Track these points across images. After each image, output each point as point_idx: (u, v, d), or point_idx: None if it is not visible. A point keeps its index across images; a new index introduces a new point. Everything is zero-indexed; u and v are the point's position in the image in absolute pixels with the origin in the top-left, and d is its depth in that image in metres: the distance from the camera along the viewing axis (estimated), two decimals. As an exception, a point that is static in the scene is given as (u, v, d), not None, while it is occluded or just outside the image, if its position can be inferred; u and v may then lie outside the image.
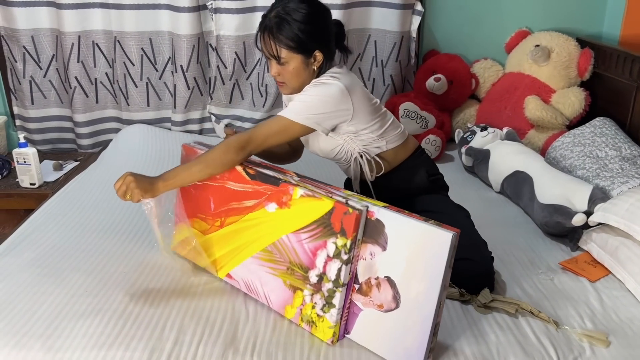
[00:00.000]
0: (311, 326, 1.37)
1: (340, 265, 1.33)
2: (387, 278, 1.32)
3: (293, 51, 1.50)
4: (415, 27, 2.65)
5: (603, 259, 1.66)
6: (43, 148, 2.79)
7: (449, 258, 1.25)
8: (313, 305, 1.37)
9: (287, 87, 1.59)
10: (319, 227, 1.38)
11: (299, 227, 1.42)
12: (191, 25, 2.56)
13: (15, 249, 1.71)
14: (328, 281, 1.35)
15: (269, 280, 1.47)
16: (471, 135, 2.42)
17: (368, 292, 1.34)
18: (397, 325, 1.30)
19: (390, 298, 1.31)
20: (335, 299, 1.34)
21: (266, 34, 1.51)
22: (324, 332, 1.35)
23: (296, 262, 1.42)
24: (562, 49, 2.56)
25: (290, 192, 1.44)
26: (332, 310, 1.34)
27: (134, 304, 1.45)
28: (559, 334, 1.38)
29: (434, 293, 1.25)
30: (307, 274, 1.40)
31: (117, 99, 2.76)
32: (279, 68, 1.54)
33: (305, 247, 1.40)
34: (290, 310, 1.42)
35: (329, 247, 1.36)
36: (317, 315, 1.36)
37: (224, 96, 2.78)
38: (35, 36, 2.61)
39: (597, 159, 2.05)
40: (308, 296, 1.39)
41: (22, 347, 1.30)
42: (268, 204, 1.49)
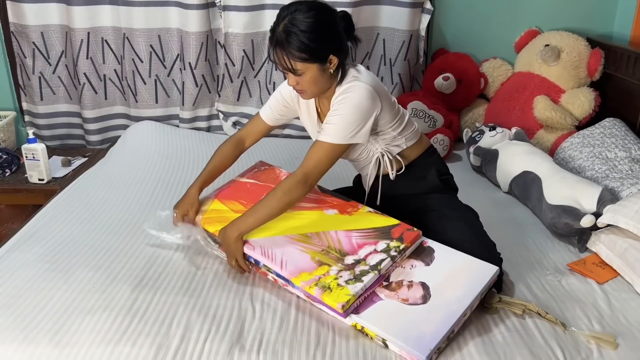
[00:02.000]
0: (324, 291, 1.36)
1: (385, 257, 1.44)
2: (422, 283, 1.41)
3: (307, 62, 1.47)
4: (425, 26, 2.64)
5: (612, 261, 1.65)
6: (52, 144, 2.81)
7: (485, 286, 1.39)
8: (336, 277, 1.40)
9: (307, 94, 1.57)
10: (376, 232, 1.51)
11: (353, 228, 1.53)
12: (200, 23, 2.56)
13: (24, 245, 1.72)
14: (365, 265, 1.42)
15: (293, 253, 1.49)
16: (479, 134, 2.41)
17: (396, 289, 1.40)
18: (418, 315, 1.33)
19: (419, 296, 1.38)
20: (366, 277, 1.38)
21: (278, 49, 1.48)
22: (338, 297, 1.34)
23: (336, 248, 1.48)
24: (572, 48, 2.54)
25: (359, 207, 1.63)
26: (358, 284, 1.37)
27: (142, 301, 1.46)
28: (566, 335, 1.37)
29: (465, 300, 1.34)
30: (343, 257, 1.45)
31: (126, 95, 2.77)
32: (296, 79, 1.52)
33: (353, 240, 1.50)
34: (306, 276, 1.41)
35: (379, 245, 1.49)
36: (338, 284, 1.37)
37: (232, 94, 2.78)
38: (44, 32, 2.62)
39: (606, 160, 2.04)
40: (334, 271, 1.42)
41: (30, 342, 1.30)
42: (328, 210, 1.61)
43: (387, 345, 1.30)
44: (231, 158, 1.78)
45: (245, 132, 1.80)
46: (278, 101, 1.74)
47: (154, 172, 2.29)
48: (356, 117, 1.51)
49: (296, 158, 2.46)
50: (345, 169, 2.35)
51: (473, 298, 1.36)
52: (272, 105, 1.75)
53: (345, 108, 1.51)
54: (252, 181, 1.80)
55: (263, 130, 1.79)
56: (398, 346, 1.28)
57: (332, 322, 1.40)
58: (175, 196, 2.07)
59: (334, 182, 2.17)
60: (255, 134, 1.80)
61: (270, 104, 1.76)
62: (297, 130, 2.79)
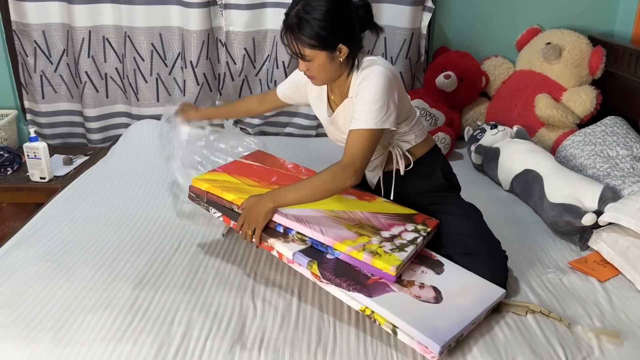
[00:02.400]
0: (374, 256, 1.37)
1: (418, 235, 1.48)
2: (434, 287, 1.41)
3: (316, 49, 1.48)
4: (426, 24, 2.64)
5: (613, 259, 1.65)
6: (53, 142, 2.81)
7: (491, 305, 1.40)
8: (380, 246, 1.40)
9: (317, 80, 1.59)
10: (400, 217, 1.55)
11: (377, 211, 1.55)
12: (201, 21, 2.56)
13: (26, 243, 1.72)
14: (402, 239, 1.44)
15: (329, 223, 1.47)
16: (481, 133, 2.41)
17: (409, 286, 1.40)
18: (432, 311, 1.33)
19: (432, 297, 1.38)
20: (408, 248, 1.42)
21: (288, 33, 1.50)
22: (389, 261, 1.36)
23: (368, 224, 1.49)
24: (573, 46, 2.54)
25: (376, 198, 1.66)
26: (403, 253, 1.40)
27: (143, 299, 1.46)
28: (568, 333, 1.37)
29: (476, 309, 1.36)
30: (378, 231, 1.46)
31: (127, 94, 2.77)
32: (306, 64, 1.53)
33: (382, 220, 1.51)
34: (351, 242, 1.40)
35: (408, 226, 1.52)
36: (384, 251, 1.38)
37: (233, 92, 2.78)
38: (46, 31, 2.62)
39: (607, 158, 2.04)
40: (376, 241, 1.42)
41: (32, 340, 1.31)
42: (346, 195, 1.62)
43: (396, 333, 1.28)
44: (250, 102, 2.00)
45: (265, 97, 1.94)
46: (292, 82, 1.81)
47: (155, 170, 2.29)
48: (382, 100, 1.49)
49: (297, 156, 2.46)
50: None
51: (482, 310, 1.36)
52: (287, 84, 1.83)
53: (370, 94, 1.49)
54: (258, 164, 1.78)
55: (276, 104, 1.91)
56: (410, 334, 1.25)
57: (334, 320, 1.40)
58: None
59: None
60: (269, 103, 1.92)
61: (286, 82, 1.83)
62: (298, 129, 2.79)
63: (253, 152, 1.89)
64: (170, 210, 1.96)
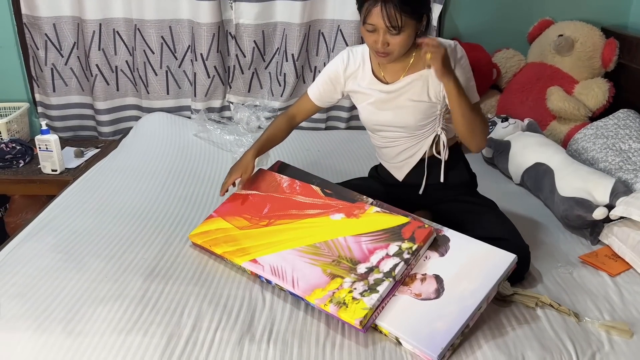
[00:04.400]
0: (340, 307, 1.32)
1: (398, 261, 1.39)
2: (436, 276, 1.39)
3: (411, 17, 1.46)
4: (437, 16, 2.62)
5: (624, 253, 1.64)
6: (64, 135, 2.83)
7: (502, 276, 1.35)
8: (350, 290, 1.36)
9: (392, 56, 1.54)
10: (386, 234, 1.46)
11: (362, 232, 1.49)
12: (211, 14, 2.56)
13: (38, 234, 1.73)
14: (378, 272, 1.38)
15: (304, 268, 1.45)
16: (492, 126, 2.39)
17: (409, 283, 1.38)
18: (431, 311, 1.31)
19: (432, 290, 1.36)
20: (381, 287, 1.34)
21: (388, 4, 1.43)
22: (354, 312, 1.30)
23: (346, 256, 1.44)
24: (586, 39, 2.51)
25: (366, 208, 1.56)
26: (373, 295, 1.33)
27: (153, 290, 1.47)
28: (578, 328, 1.37)
29: (480, 293, 1.32)
30: (355, 266, 1.41)
31: (137, 87, 2.78)
32: (390, 38, 1.49)
33: (363, 246, 1.46)
34: (320, 292, 1.37)
35: (391, 248, 1.43)
36: (353, 298, 1.33)
37: (243, 85, 2.78)
38: (57, 24, 2.63)
39: (620, 151, 2.02)
40: (348, 283, 1.38)
41: (43, 330, 1.32)
42: (335, 214, 1.57)
43: (400, 343, 1.30)
44: (285, 131, 1.82)
45: (296, 109, 1.84)
46: (324, 81, 1.75)
47: (165, 163, 2.30)
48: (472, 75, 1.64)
49: (307, 150, 2.46)
50: (355, 162, 2.35)
51: (488, 290, 1.33)
52: (319, 85, 1.76)
53: (467, 66, 1.61)
54: (254, 192, 1.76)
55: (311, 110, 1.83)
56: (411, 345, 1.27)
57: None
58: (187, 186, 2.10)
59: (343, 176, 2.17)
60: (304, 112, 1.83)
61: (318, 82, 1.77)
62: (308, 122, 2.79)
63: (256, 172, 1.83)
64: (181, 202, 1.97)
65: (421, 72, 1.60)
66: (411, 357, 1.27)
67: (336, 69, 1.71)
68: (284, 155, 2.37)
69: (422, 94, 1.61)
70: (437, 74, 1.48)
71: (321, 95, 1.77)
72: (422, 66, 1.58)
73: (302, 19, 2.59)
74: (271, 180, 1.78)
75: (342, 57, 1.70)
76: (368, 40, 1.54)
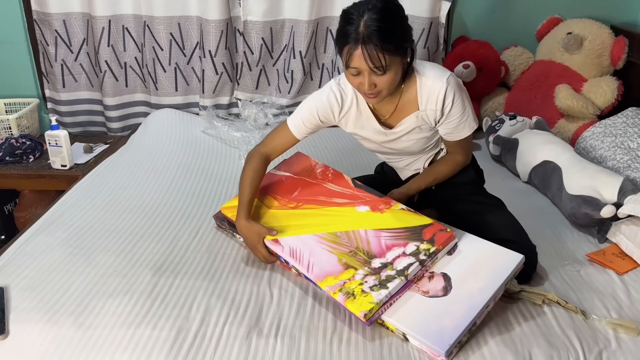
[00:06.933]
0: (347, 297, 1.32)
1: (413, 261, 1.39)
2: (444, 274, 1.40)
3: (393, 55, 1.40)
4: (445, 13, 2.61)
5: (632, 252, 1.64)
6: (74, 131, 2.85)
7: (510, 275, 1.36)
8: (361, 282, 1.36)
9: (382, 95, 1.48)
10: (407, 233, 1.47)
11: (383, 227, 1.50)
12: (219, 10, 2.57)
13: (48, 229, 1.75)
14: (392, 269, 1.38)
15: (321, 254, 1.47)
16: (499, 123, 2.39)
17: (417, 281, 1.39)
18: (439, 308, 1.32)
19: (440, 288, 1.37)
20: (391, 284, 1.34)
21: (368, 46, 1.36)
22: (361, 305, 1.30)
23: (364, 249, 1.45)
24: (595, 36, 2.50)
25: (392, 204, 1.57)
26: (382, 291, 1.33)
27: (162, 285, 1.48)
28: (585, 325, 1.37)
29: (487, 292, 1.33)
30: (370, 260, 1.42)
31: (146, 83, 2.79)
32: (376, 79, 1.42)
33: (382, 241, 1.46)
34: (332, 280, 1.38)
35: (409, 247, 1.43)
36: (362, 290, 1.34)
37: (251, 82, 2.79)
38: (66, 20, 2.65)
39: (628, 150, 2.01)
40: (360, 275, 1.38)
41: (54, 323, 1.34)
42: (360, 206, 1.59)
43: (407, 339, 1.30)
44: (263, 176, 1.68)
45: (271, 148, 1.68)
46: (310, 118, 1.62)
47: (174, 158, 2.31)
48: (469, 104, 1.59)
49: (325, 147, 2.46)
50: (361, 159, 2.35)
51: (496, 289, 1.34)
52: (305, 119, 1.62)
53: (462, 105, 1.55)
54: (287, 174, 1.78)
55: (289, 145, 1.69)
56: (418, 341, 1.27)
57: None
58: (195, 182, 2.11)
59: (349, 173, 2.17)
60: (282, 148, 1.69)
61: (303, 118, 1.63)
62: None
63: (292, 156, 1.86)
64: (189, 198, 1.98)
65: (416, 113, 1.58)
66: (418, 354, 1.28)
67: (328, 111, 1.61)
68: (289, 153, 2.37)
69: (422, 130, 1.62)
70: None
71: (306, 132, 1.65)
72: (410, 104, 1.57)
73: (310, 16, 2.60)
74: (306, 165, 1.81)
75: (335, 98, 1.59)
76: (353, 83, 1.47)
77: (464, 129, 1.60)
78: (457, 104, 1.54)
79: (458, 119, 1.57)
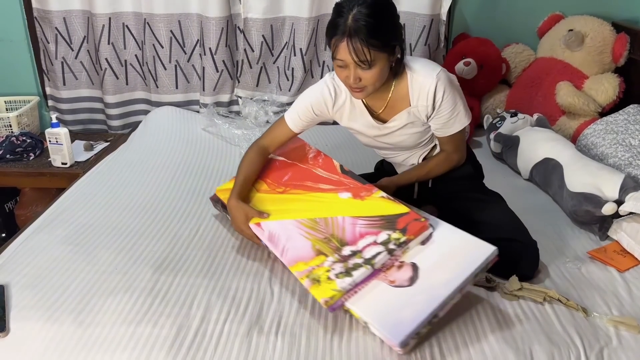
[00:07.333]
0: (313, 283, 1.35)
1: (382, 250, 1.38)
2: (413, 264, 1.38)
3: (380, 51, 1.41)
4: (446, 10, 2.61)
5: (633, 249, 1.63)
6: (74, 128, 2.85)
7: (479, 267, 1.33)
8: (329, 269, 1.37)
9: (367, 91, 1.49)
10: (382, 221, 1.46)
11: (361, 214, 1.50)
12: (220, 8, 2.56)
13: (48, 227, 1.75)
14: (360, 257, 1.38)
15: (297, 239, 1.49)
16: (500, 121, 2.39)
17: (385, 270, 1.38)
18: (400, 299, 1.31)
19: (407, 278, 1.35)
20: (357, 272, 1.35)
21: (353, 39, 1.38)
22: (324, 291, 1.31)
23: (338, 236, 1.46)
24: (596, 33, 2.50)
25: (373, 191, 1.56)
26: (347, 279, 1.33)
27: (163, 282, 1.48)
28: (586, 323, 1.37)
29: (451, 284, 1.30)
30: (342, 247, 1.43)
31: (147, 81, 2.79)
32: (361, 73, 1.44)
33: (357, 229, 1.47)
34: (302, 265, 1.41)
35: (381, 236, 1.42)
36: (328, 277, 1.35)
37: (251, 79, 2.79)
38: (67, 17, 2.65)
39: (630, 147, 2.01)
40: (329, 262, 1.39)
41: (54, 321, 1.34)
42: (343, 192, 1.59)
43: (368, 327, 1.30)
44: (259, 166, 1.75)
45: (269, 140, 1.75)
46: (305, 111, 1.66)
47: (174, 156, 2.31)
48: (461, 99, 1.58)
49: (326, 145, 2.46)
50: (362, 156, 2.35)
51: (461, 281, 1.30)
52: (301, 115, 1.67)
53: (452, 101, 1.55)
54: (282, 158, 1.81)
55: (286, 138, 1.74)
56: (377, 330, 1.27)
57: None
58: (195, 180, 2.10)
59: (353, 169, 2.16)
60: (279, 142, 1.75)
61: (299, 111, 1.67)
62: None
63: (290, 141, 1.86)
64: (189, 195, 1.98)
65: (407, 109, 1.59)
66: (418, 352, 1.27)
67: (322, 104, 1.64)
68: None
69: (415, 125, 1.62)
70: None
71: (302, 125, 1.69)
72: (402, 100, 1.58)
73: (311, 13, 2.59)
74: (300, 150, 1.82)
75: (328, 92, 1.62)
76: (340, 76, 1.48)
77: (454, 124, 1.59)
78: (448, 99, 1.54)
79: (448, 114, 1.57)
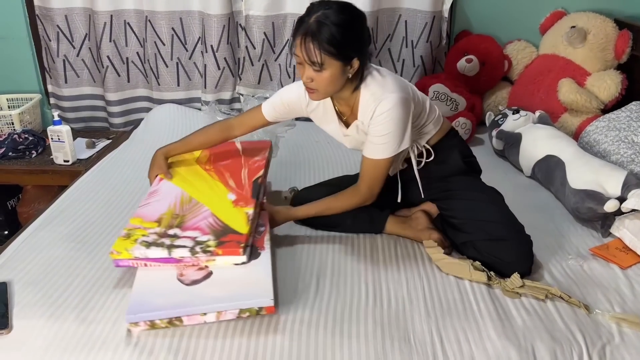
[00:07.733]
0: (125, 237, 1.46)
1: (188, 245, 1.42)
2: (210, 272, 1.43)
3: (332, 57, 1.42)
4: (448, 7, 2.61)
5: (635, 246, 1.63)
6: (76, 126, 2.85)
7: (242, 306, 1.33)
8: (145, 234, 1.46)
9: (319, 93, 1.51)
10: (219, 227, 1.50)
11: (217, 214, 1.55)
12: (221, 5, 2.56)
13: (50, 224, 1.76)
14: (171, 240, 1.44)
15: (162, 204, 1.62)
16: (503, 118, 2.38)
17: (185, 265, 1.44)
18: (168, 289, 1.37)
19: (192, 279, 1.41)
20: (155, 250, 1.41)
21: (307, 38, 1.41)
22: (120, 245, 1.43)
23: (185, 218, 1.54)
24: (599, 30, 2.49)
25: (248, 205, 1.59)
26: (143, 249, 1.41)
27: (164, 280, 1.48)
28: (588, 319, 1.37)
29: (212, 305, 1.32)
30: (175, 227, 1.50)
31: (148, 78, 2.79)
32: (313, 74, 1.46)
33: (201, 222, 1.52)
34: (139, 221, 1.53)
35: (203, 237, 1.46)
36: (135, 240, 1.44)
37: (253, 77, 2.78)
38: (68, 15, 2.65)
39: (632, 144, 2.00)
40: (153, 230, 1.49)
41: (57, 318, 1.34)
42: (231, 194, 1.66)
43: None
44: (214, 141, 1.79)
45: (238, 121, 1.77)
46: (283, 102, 1.69)
47: (176, 154, 2.31)
48: (400, 129, 1.52)
49: (317, 142, 2.46)
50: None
51: (219, 306, 1.31)
52: (277, 105, 1.70)
53: (389, 126, 1.50)
54: (240, 147, 1.93)
55: (258, 124, 1.76)
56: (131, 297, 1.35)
57: (351, 302, 1.41)
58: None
59: (349, 168, 2.16)
60: (248, 126, 1.77)
61: (274, 103, 1.71)
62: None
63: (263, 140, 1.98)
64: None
65: (355, 122, 1.60)
66: (420, 348, 1.27)
67: (297, 102, 1.67)
68: (293, 147, 2.38)
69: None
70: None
71: (276, 116, 1.73)
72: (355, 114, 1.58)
73: (313, 10, 2.59)
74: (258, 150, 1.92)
75: (304, 92, 1.60)
76: (299, 72, 1.51)
77: (377, 149, 1.54)
78: (383, 124, 1.50)
79: (377, 138, 1.52)
